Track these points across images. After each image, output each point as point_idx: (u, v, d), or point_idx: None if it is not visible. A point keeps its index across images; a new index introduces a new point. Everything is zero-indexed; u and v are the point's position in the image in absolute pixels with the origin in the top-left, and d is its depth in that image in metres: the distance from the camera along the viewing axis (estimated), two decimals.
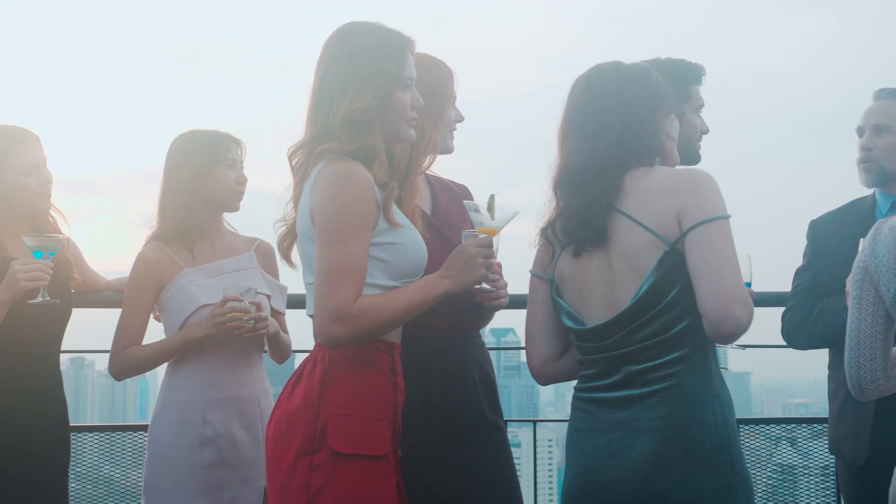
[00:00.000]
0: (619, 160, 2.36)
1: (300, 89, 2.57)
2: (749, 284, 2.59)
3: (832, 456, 4.30)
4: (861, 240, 2.42)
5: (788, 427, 4.52)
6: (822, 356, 3.35)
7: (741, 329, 2.24)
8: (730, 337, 2.25)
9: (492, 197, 2.52)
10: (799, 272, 3.32)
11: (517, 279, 2.64)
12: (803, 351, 3.34)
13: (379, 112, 2.45)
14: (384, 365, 2.44)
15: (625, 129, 2.37)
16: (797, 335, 3.24)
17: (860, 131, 3.26)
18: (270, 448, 2.45)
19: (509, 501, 2.75)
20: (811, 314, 3.17)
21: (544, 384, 2.62)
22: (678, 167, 2.42)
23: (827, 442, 4.24)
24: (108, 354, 3.26)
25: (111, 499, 4.23)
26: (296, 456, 2.36)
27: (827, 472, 4.31)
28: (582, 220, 2.35)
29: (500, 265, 2.65)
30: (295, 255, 2.60)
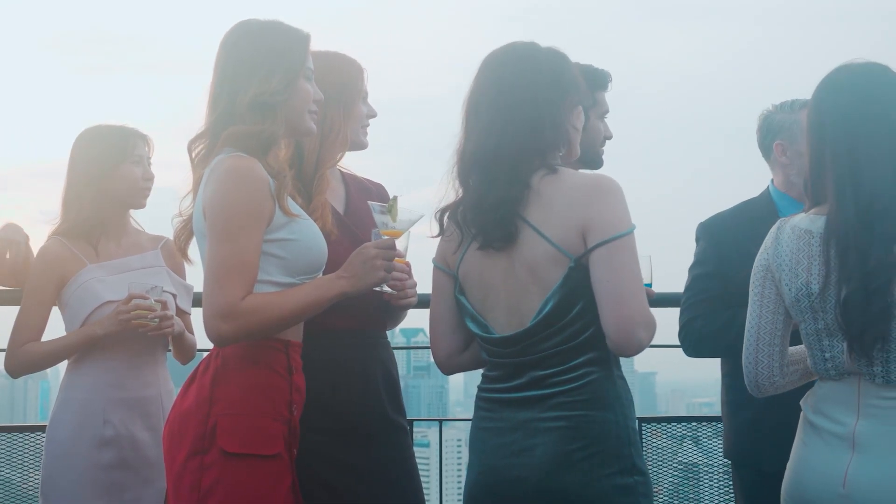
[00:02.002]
0: (528, 152, 2.33)
1: (206, 84, 2.55)
2: (649, 285, 2.62)
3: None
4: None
5: (692, 426, 4.61)
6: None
7: (642, 349, 2.28)
8: (631, 355, 2.31)
9: (394, 199, 2.52)
10: (699, 278, 3.20)
11: (427, 279, 2.64)
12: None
13: (285, 98, 2.44)
14: (279, 364, 2.42)
15: (536, 117, 2.34)
16: (712, 346, 3.14)
17: None
18: (165, 449, 2.43)
19: (410, 501, 2.76)
20: (731, 326, 2.98)
21: (449, 374, 2.62)
22: (584, 173, 2.40)
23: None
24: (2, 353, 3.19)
25: (9, 502, 4.12)
26: (187, 456, 2.33)
27: (728, 470, 4.39)
28: (495, 218, 2.33)
29: (409, 265, 2.66)
30: (193, 250, 2.57)
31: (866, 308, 2.19)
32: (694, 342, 3.18)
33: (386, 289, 2.55)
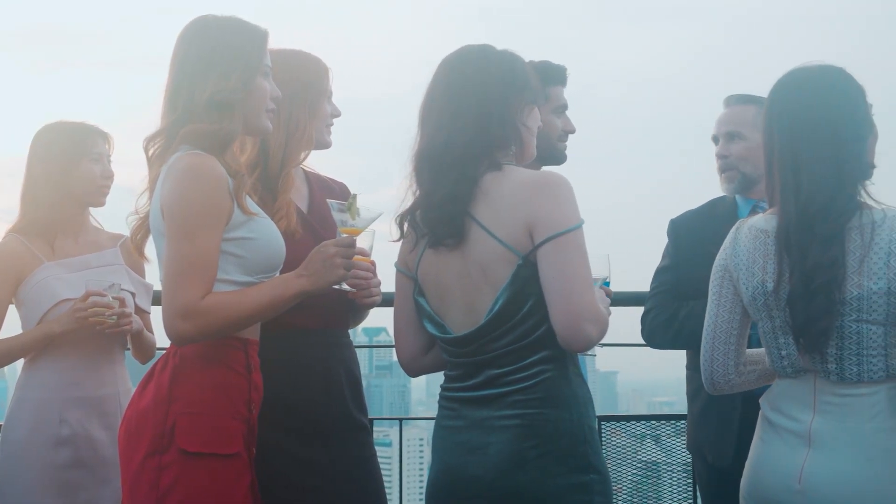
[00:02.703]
0: (476, 150, 2.34)
1: (163, 81, 2.52)
2: (608, 283, 2.63)
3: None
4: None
5: (652, 424, 4.64)
6: (684, 356, 3.40)
7: (591, 344, 2.28)
8: (581, 351, 2.32)
9: (353, 197, 2.51)
10: (659, 272, 3.31)
11: (391, 277, 2.64)
12: (666, 351, 3.39)
13: (243, 96, 2.43)
14: (237, 362, 2.41)
15: (483, 114, 2.35)
16: (661, 336, 3.24)
17: (715, 140, 3.29)
18: (122, 448, 2.41)
19: (371, 500, 2.76)
20: (677, 316, 3.17)
21: (414, 376, 2.62)
22: (530, 170, 2.40)
23: (686, 439, 4.36)
24: None
25: None
26: (145, 455, 2.32)
27: (688, 468, 4.43)
28: (442, 216, 2.34)
29: (373, 263, 2.65)
30: (150, 249, 2.56)
31: (808, 305, 2.22)
32: (647, 333, 3.28)
33: (345, 287, 2.53)
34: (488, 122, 2.36)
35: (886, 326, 2.24)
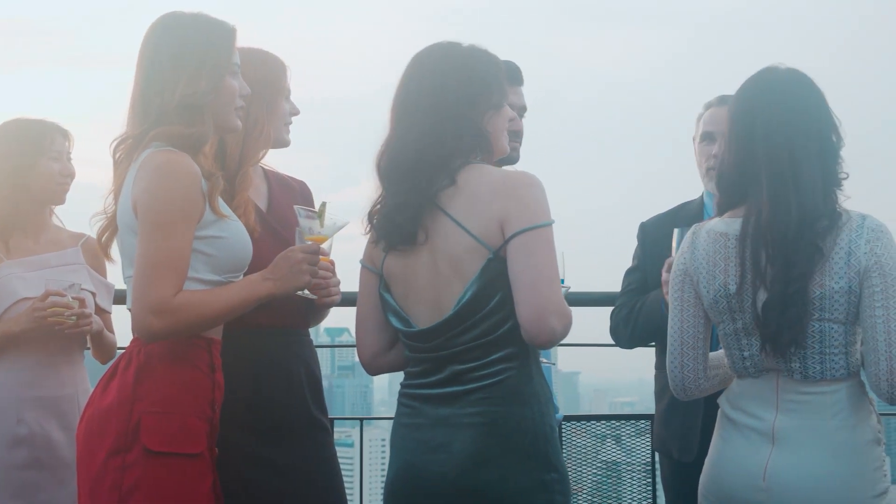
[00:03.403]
0: (448, 150, 2.34)
1: (125, 80, 2.50)
2: (563, 282, 2.65)
3: (654, 452, 4.46)
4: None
5: (613, 424, 4.66)
6: (647, 357, 3.44)
7: (556, 338, 2.30)
8: (545, 345, 2.33)
9: (323, 204, 2.54)
10: (628, 273, 3.37)
11: (353, 277, 2.62)
12: (629, 350, 3.43)
13: (213, 98, 2.43)
14: (202, 361, 2.41)
15: (458, 115, 2.36)
16: (621, 332, 3.29)
17: (709, 137, 3.24)
18: (81, 447, 2.39)
19: (331, 501, 2.76)
20: (633, 310, 3.22)
21: (374, 374, 2.62)
22: (507, 168, 2.42)
23: (649, 439, 4.41)
24: None
25: None
26: (107, 455, 2.30)
27: (648, 468, 4.45)
28: (412, 216, 2.33)
29: (333, 263, 2.65)
30: (114, 249, 2.54)
31: (783, 311, 2.24)
32: (612, 329, 3.35)
33: (307, 293, 2.56)
34: (463, 126, 2.36)
35: (846, 325, 2.27)
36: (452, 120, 2.36)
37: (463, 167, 2.35)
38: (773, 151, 2.30)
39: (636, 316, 3.21)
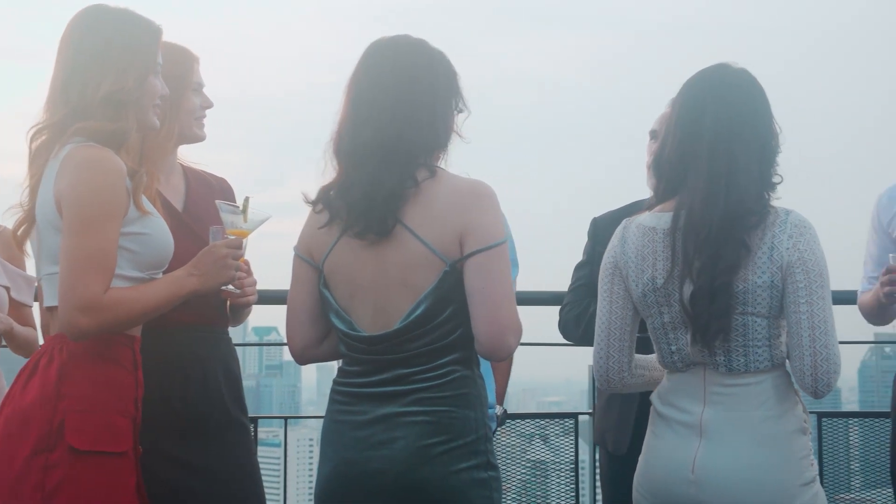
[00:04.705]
0: (419, 149, 2.32)
1: (37, 72, 2.45)
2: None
3: (583, 451, 4.51)
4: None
5: (541, 423, 4.70)
6: (575, 357, 3.48)
7: (510, 354, 2.35)
8: (500, 360, 2.39)
9: (246, 199, 2.53)
10: (578, 268, 3.41)
11: (282, 274, 2.60)
12: (555, 351, 3.47)
13: (138, 96, 2.41)
14: (126, 359, 2.38)
15: (432, 112, 2.33)
16: (572, 331, 3.34)
17: (654, 135, 3.27)
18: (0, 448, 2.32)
19: (250, 499, 2.73)
20: (586, 313, 3.25)
21: (304, 364, 2.57)
22: (463, 177, 2.37)
23: (570, 438, 4.48)
24: None
25: None
26: (29, 454, 2.25)
27: (573, 467, 4.50)
28: (371, 210, 2.28)
29: (248, 263, 2.62)
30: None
31: (711, 303, 2.28)
32: (561, 326, 3.40)
33: (231, 288, 2.54)
34: (437, 124, 2.34)
35: (769, 319, 2.31)
36: (427, 111, 2.32)
37: (422, 171, 2.30)
38: (715, 147, 2.33)
39: (588, 321, 3.20)
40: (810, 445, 2.38)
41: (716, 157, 2.32)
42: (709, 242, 2.29)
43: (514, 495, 4.64)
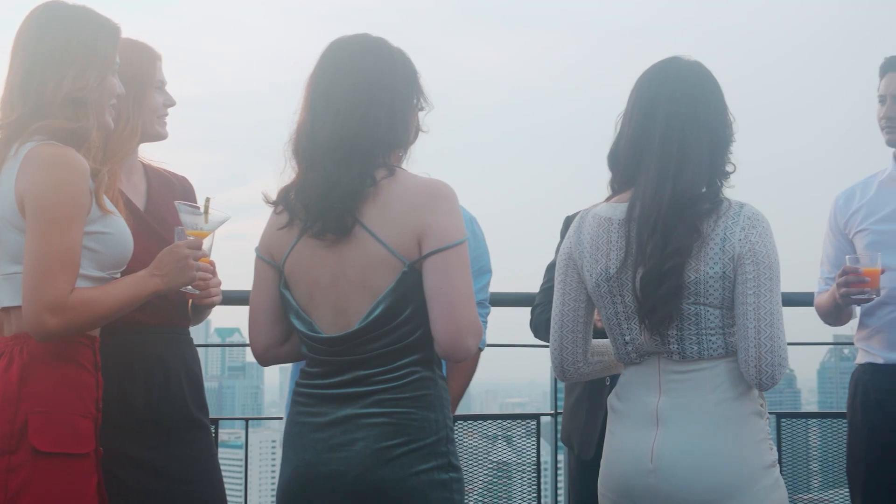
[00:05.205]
0: (380, 148, 2.31)
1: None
2: None
3: (545, 452, 4.51)
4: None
5: (504, 424, 4.71)
6: (539, 358, 3.49)
7: (470, 356, 2.35)
8: (459, 361, 2.39)
9: (207, 200, 2.53)
10: (549, 268, 3.40)
11: (244, 274, 2.58)
12: (519, 352, 3.47)
13: (98, 95, 2.40)
14: (86, 359, 2.37)
15: (392, 110, 2.33)
16: (544, 333, 3.32)
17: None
18: None
19: (210, 501, 2.73)
20: None
21: (266, 365, 2.57)
22: (422, 177, 2.37)
23: (534, 440, 4.49)
24: None
25: None
26: None
27: (535, 468, 4.51)
28: (330, 209, 2.28)
29: (213, 263, 2.62)
30: None
31: (658, 287, 2.29)
32: (534, 327, 3.41)
33: (190, 289, 2.54)
34: (396, 122, 2.33)
35: (722, 309, 2.32)
36: (384, 110, 2.32)
37: (381, 170, 2.30)
38: (666, 137, 2.35)
39: None
40: (768, 429, 2.39)
41: (667, 146, 2.34)
42: (658, 228, 2.30)
43: (477, 497, 4.64)
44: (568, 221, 3.42)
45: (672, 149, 2.34)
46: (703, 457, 2.29)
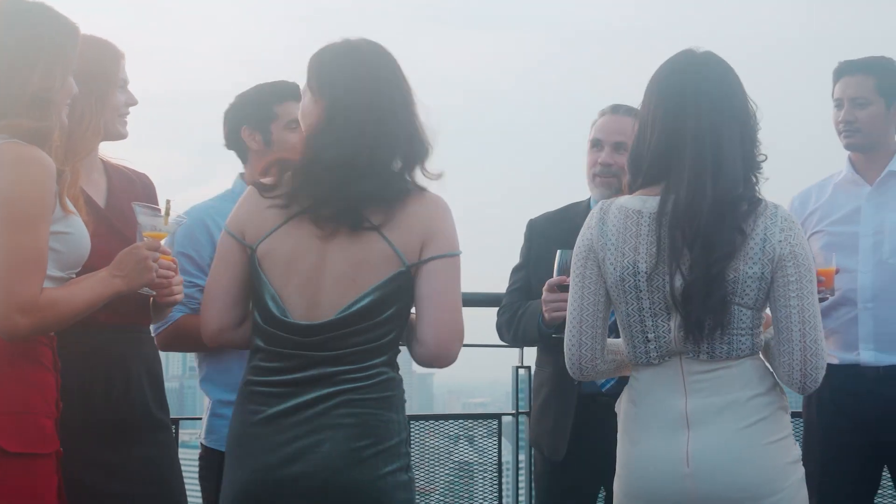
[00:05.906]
0: (390, 154, 2.34)
1: None
2: None
3: (507, 452, 4.54)
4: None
5: (466, 424, 4.72)
6: (501, 358, 3.50)
7: (451, 362, 2.39)
8: (441, 367, 2.39)
9: (168, 202, 2.54)
10: (514, 271, 3.42)
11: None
12: (481, 353, 3.50)
13: (61, 95, 2.38)
14: (47, 359, 2.36)
15: (411, 119, 2.37)
16: (505, 334, 3.37)
17: (598, 144, 3.26)
18: None
19: (170, 500, 2.71)
20: (516, 315, 3.27)
21: (214, 346, 2.53)
22: (427, 190, 2.39)
23: (496, 440, 4.51)
24: None
25: None
26: None
27: (497, 468, 4.53)
28: (343, 204, 2.29)
29: (175, 262, 2.61)
30: None
31: (706, 297, 2.24)
32: (497, 328, 3.41)
33: (147, 290, 2.53)
34: (399, 125, 2.36)
35: (754, 310, 2.29)
36: (402, 121, 2.37)
37: (400, 175, 2.34)
38: (699, 134, 2.30)
39: (517, 323, 3.27)
40: (791, 423, 2.36)
41: (700, 145, 2.29)
42: (698, 231, 2.25)
43: (439, 496, 4.65)
44: (531, 225, 3.43)
45: (706, 148, 2.29)
46: (740, 455, 2.25)
